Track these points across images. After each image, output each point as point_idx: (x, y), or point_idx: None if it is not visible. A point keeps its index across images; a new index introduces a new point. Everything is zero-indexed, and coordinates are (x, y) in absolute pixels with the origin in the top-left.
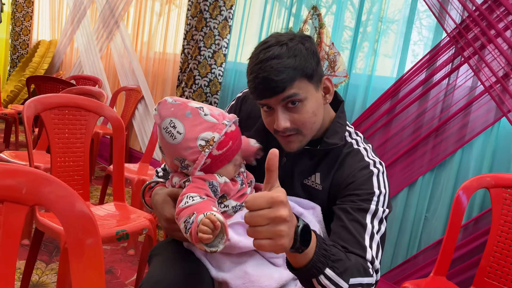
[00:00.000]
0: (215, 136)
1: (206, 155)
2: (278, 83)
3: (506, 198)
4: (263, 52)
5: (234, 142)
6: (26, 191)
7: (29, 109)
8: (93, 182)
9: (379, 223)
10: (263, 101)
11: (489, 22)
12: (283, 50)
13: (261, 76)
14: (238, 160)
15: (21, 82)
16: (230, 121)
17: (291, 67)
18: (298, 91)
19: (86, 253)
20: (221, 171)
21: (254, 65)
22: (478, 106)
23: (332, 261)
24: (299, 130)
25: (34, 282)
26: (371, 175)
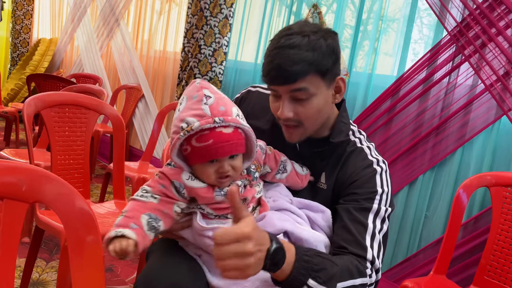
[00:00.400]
0: (195, 124)
1: (181, 139)
2: (290, 73)
3: (507, 196)
4: (284, 38)
5: (218, 143)
6: (26, 188)
7: (29, 107)
8: (93, 180)
9: (382, 222)
10: (272, 86)
11: (490, 20)
12: (304, 41)
13: (276, 62)
14: (225, 169)
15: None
16: (226, 123)
17: (307, 61)
18: (309, 86)
19: (86, 250)
20: (198, 170)
21: (272, 49)
22: (479, 104)
23: (315, 271)
24: (301, 123)
25: (35, 280)
26: (374, 173)
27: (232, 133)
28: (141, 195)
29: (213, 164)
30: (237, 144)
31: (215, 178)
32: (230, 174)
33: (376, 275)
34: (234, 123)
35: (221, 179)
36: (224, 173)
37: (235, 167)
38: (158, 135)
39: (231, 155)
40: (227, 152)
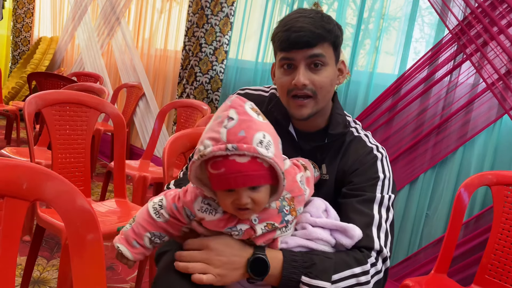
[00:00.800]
0: (206, 150)
1: (196, 163)
2: (313, 36)
3: (508, 196)
4: (300, 12)
5: (229, 174)
6: (27, 186)
7: (30, 105)
8: (94, 179)
9: (387, 211)
10: (290, 53)
11: (492, 19)
12: (319, 15)
13: (298, 26)
14: (241, 201)
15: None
16: (240, 151)
17: (326, 29)
18: (325, 54)
19: (87, 249)
20: (219, 197)
21: (290, 19)
22: (480, 103)
23: (305, 267)
24: (315, 92)
25: (35, 278)
26: (375, 159)
27: (247, 163)
28: (154, 209)
29: (230, 193)
30: (254, 176)
31: (233, 209)
32: (250, 207)
33: (383, 264)
34: (250, 152)
35: (240, 210)
36: (240, 205)
37: (256, 200)
38: (159, 134)
39: (250, 187)
40: (240, 183)
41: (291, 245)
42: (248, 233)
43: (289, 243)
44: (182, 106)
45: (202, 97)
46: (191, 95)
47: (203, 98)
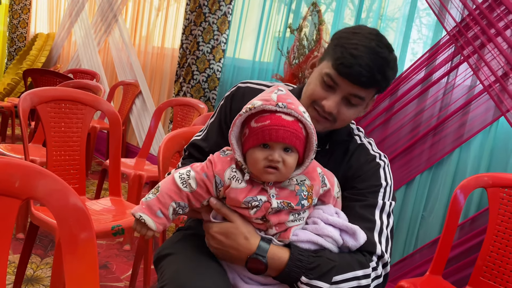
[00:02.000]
0: (257, 103)
1: (242, 115)
2: (370, 81)
3: (503, 197)
4: (375, 42)
5: (274, 126)
6: (19, 184)
7: (25, 101)
8: (89, 177)
9: (388, 217)
10: (340, 78)
11: (489, 21)
12: (390, 57)
13: (365, 62)
14: (275, 157)
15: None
16: (288, 110)
17: (386, 78)
18: (366, 98)
19: (80, 247)
20: (250, 156)
21: (363, 46)
22: (477, 105)
23: (308, 269)
24: (335, 120)
25: (29, 276)
26: (378, 167)
27: (291, 121)
28: (181, 179)
29: (265, 150)
30: (293, 134)
31: (263, 166)
32: (279, 167)
33: (383, 269)
34: (296, 113)
35: (269, 168)
36: (273, 161)
37: (286, 162)
38: (155, 132)
39: (285, 147)
40: (281, 137)
41: (301, 238)
42: (265, 207)
43: (300, 236)
44: (178, 104)
45: (199, 96)
46: (188, 93)
47: (200, 97)
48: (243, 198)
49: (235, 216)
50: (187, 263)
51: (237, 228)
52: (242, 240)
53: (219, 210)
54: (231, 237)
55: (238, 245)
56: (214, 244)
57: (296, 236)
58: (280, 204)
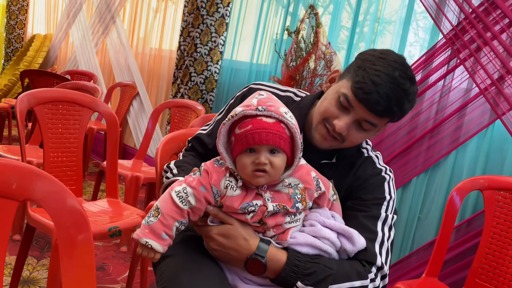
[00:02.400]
0: (238, 109)
1: (226, 124)
2: (385, 111)
3: (499, 200)
4: (398, 72)
5: (255, 129)
6: (17, 186)
7: (22, 103)
8: (86, 178)
9: (389, 230)
10: (356, 102)
11: (485, 24)
12: (411, 90)
13: (383, 92)
14: (261, 160)
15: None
16: (268, 112)
17: (402, 110)
18: (378, 125)
19: (77, 249)
20: (239, 163)
21: (385, 74)
22: (473, 108)
23: (304, 275)
24: (344, 140)
25: (25, 278)
26: (383, 181)
27: (273, 123)
28: (180, 198)
29: (251, 154)
30: (276, 135)
31: (251, 170)
32: (267, 169)
33: (381, 281)
34: (277, 114)
35: (257, 171)
36: (260, 164)
37: (273, 164)
38: (153, 134)
39: (270, 149)
40: (264, 139)
41: (299, 240)
42: (261, 211)
43: (298, 238)
44: (176, 106)
45: (196, 97)
46: (185, 95)
47: (197, 99)
48: (238, 205)
49: (233, 219)
50: (186, 265)
51: (236, 230)
52: (242, 241)
53: (217, 215)
54: (231, 239)
55: (238, 246)
56: (214, 246)
57: (294, 238)
58: (276, 207)
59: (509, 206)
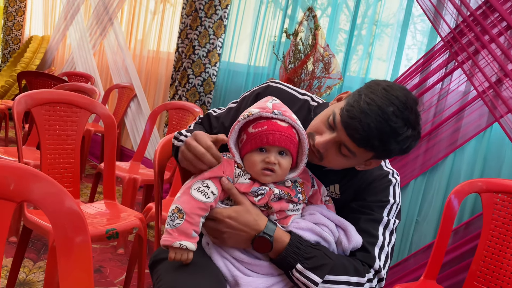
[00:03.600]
0: (254, 110)
1: (241, 122)
2: (364, 141)
3: (497, 203)
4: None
5: (270, 131)
6: (14, 187)
7: (19, 104)
8: (83, 180)
9: (390, 235)
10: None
11: (483, 27)
12: (401, 131)
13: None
14: (271, 159)
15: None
16: (283, 117)
17: (386, 147)
18: (358, 154)
19: (75, 251)
20: (248, 159)
21: (377, 106)
22: (471, 111)
23: (304, 257)
24: (322, 160)
25: (21, 280)
26: (389, 184)
27: (286, 127)
28: (202, 192)
29: (262, 153)
30: (288, 138)
31: (260, 168)
32: (275, 169)
33: (378, 283)
34: (291, 120)
35: (266, 170)
36: (270, 163)
37: (281, 165)
38: (150, 136)
39: (280, 150)
40: (277, 140)
41: (301, 225)
42: (268, 195)
43: (300, 224)
44: (174, 108)
45: (194, 100)
46: (183, 97)
47: (195, 101)
48: (249, 189)
49: (244, 198)
50: (184, 268)
51: (247, 210)
52: (252, 221)
53: (230, 190)
54: (242, 218)
55: (248, 226)
56: (224, 228)
57: (297, 223)
58: (281, 192)
59: (507, 208)
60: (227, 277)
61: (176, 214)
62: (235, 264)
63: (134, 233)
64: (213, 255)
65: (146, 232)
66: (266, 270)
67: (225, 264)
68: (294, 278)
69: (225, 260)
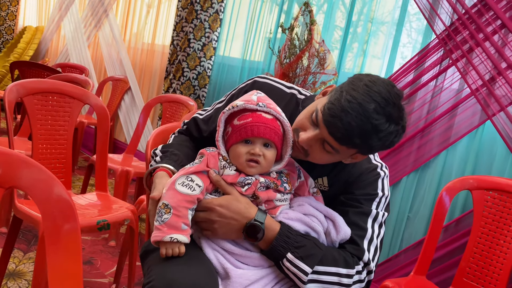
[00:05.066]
0: (239, 103)
1: (226, 113)
2: (346, 139)
3: (488, 200)
4: (374, 105)
5: (255, 122)
6: (2, 172)
7: (11, 93)
8: (75, 172)
9: (379, 227)
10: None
11: (478, 25)
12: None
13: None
14: (256, 151)
15: (5, 68)
16: (268, 109)
17: (368, 144)
18: (342, 152)
19: (63, 239)
20: (233, 151)
21: (358, 103)
22: (464, 108)
23: (294, 246)
24: (307, 156)
25: (11, 271)
26: (377, 177)
27: (271, 119)
28: (187, 186)
29: (247, 145)
30: (272, 130)
31: (245, 160)
32: (260, 161)
33: (368, 276)
34: (275, 112)
35: (251, 162)
36: (255, 154)
37: (266, 157)
38: (143, 128)
39: (264, 142)
40: (261, 132)
41: (290, 216)
42: (254, 184)
43: (289, 214)
44: (168, 101)
45: (188, 93)
46: (177, 90)
47: (189, 94)
48: (235, 179)
49: (233, 189)
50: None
51: (237, 199)
52: (243, 208)
53: (218, 182)
54: (233, 207)
55: (239, 214)
56: (215, 217)
57: (286, 213)
58: (266, 180)
59: (498, 206)
60: (218, 269)
61: (163, 209)
62: (225, 256)
63: (126, 225)
64: (204, 248)
65: (137, 224)
66: (256, 262)
67: (216, 256)
68: (284, 269)
69: (215, 252)
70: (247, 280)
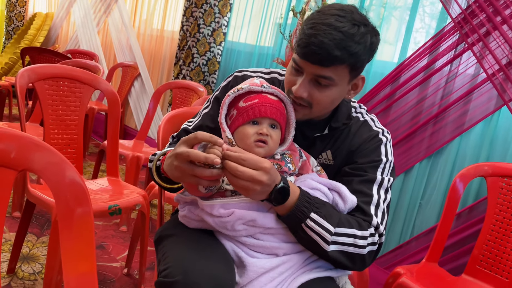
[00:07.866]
0: (243, 86)
1: (231, 96)
2: (328, 57)
3: (503, 187)
4: (334, 18)
5: (262, 103)
6: (15, 155)
7: (22, 78)
8: (87, 158)
9: (385, 192)
10: (301, 61)
11: (496, 8)
12: (353, 30)
13: (319, 38)
14: (264, 131)
15: (16, 54)
16: (273, 90)
17: (349, 51)
18: (335, 77)
19: (76, 222)
20: (239, 133)
21: (319, 24)
22: (479, 94)
23: (316, 207)
24: (311, 105)
25: (25, 254)
26: (380, 143)
27: (276, 101)
28: None
29: (254, 126)
30: (278, 110)
31: (253, 140)
32: (267, 141)
33: (379, 238)
34: (279, 93)
35: (259, 142)
36: (263, 134)
37: (272, 137)
38: (154, 115)
39: (271, 123)
40: (269, 112)
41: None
42: None
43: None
44: (178, 87)
45: (198, 79)
46: (187, 76)
47: (199, 80)
48: None
49: None
50: (190, 247)
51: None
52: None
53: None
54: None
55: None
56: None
57: (302, 181)
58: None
59: None
60: (233, 257)
61: None
62: (239, 246)
63: (137, 210)
64: (219, 237)
65: (149, 209)
66: (269, 251)
67: (231, 246)
68: (308, 230)
69: (230, 242)
70: (262, 268)
